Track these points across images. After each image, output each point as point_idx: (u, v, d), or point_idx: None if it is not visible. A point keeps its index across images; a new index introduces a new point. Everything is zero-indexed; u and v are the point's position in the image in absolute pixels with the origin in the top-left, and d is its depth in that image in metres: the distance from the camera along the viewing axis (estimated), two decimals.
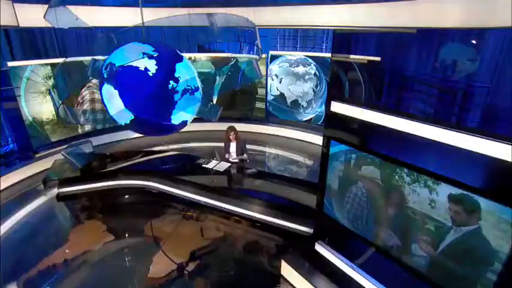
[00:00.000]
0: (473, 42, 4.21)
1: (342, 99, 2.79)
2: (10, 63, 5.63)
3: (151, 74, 2.16)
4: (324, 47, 7.38)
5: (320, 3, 6.37)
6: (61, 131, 6.69)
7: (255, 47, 2.67)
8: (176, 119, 2.38)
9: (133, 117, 2.26)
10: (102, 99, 2.24)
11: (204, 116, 2.40)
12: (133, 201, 5.12)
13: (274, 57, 7.70)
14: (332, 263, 3.20)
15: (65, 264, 3.79)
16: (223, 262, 3.86)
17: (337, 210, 3.10)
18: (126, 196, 5.14)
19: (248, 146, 5.24)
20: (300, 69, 7.47)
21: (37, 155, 6.22)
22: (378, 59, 5.61)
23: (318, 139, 7.34)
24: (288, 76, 7.64)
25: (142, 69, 2.16)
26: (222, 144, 5.24)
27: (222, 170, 4.81)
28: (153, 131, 2.69)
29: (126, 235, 4.44)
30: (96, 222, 4.66)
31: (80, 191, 5.02)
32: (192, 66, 2.36)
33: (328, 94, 7.15)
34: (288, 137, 7.89)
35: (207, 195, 4.56)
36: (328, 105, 2.90)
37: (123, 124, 2.31)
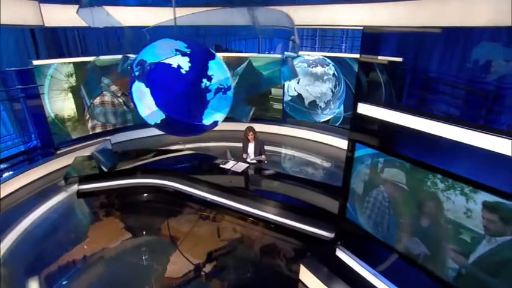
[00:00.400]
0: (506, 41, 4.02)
1: (369, 101, 2.70)
2: (35, 62, 5.79)
3: (184, 72, 2.08)
4: (343, 47, 7.25)
5: (339, 3, 6.24)
6: (81, 128, 6.82)
7: (291, 42, 2.58)
8: (208, 119, 2.30)
9: (164, 116, 2.18)
10: (131, 97, 2.20)
11: (236, 116, 2.34)
12: (151, 199, 5.14)
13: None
14: (353, 269, 3.10)
15: (84, 261, 3.83)
16: (240, 264, 3.82)
17: (361, 215, 3.00)
18: (144, 194, 5.17)
19: (265, 147, 5.18)
20: (319, 70, 7.36)
21: (58, 152, 6.38)
22: (400, 59, 5.44)
23: (334, 141, 7.22)
24: (306, 76, 7.54)
25: (175, 67, 2.08)
26: (236, 144, 5.19)
27: (239, 170, 4.77)
28: (183, 131, 2.64)
29: (144, 233, 4.47)
30: (114, 219, 4.71)
31: (99, 188, 5.08)
32: (224, 65, 2.29)
33: (355, 96, 6.98)
34: (304, 138, 7.80)
35: (224, 196, 4.52)
36: (354, 107, 2.81)
37: (152, 124, 2.25)
